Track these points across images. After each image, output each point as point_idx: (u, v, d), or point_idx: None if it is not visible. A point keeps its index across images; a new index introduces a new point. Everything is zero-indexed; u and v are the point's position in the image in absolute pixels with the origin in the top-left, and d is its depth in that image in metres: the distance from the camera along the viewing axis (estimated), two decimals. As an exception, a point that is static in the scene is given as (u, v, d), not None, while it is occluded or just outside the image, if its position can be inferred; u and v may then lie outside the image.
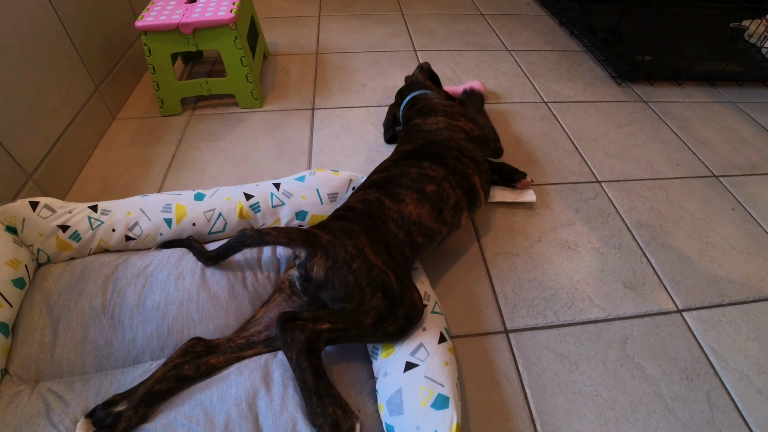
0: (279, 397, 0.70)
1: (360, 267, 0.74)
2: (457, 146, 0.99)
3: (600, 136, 1.42)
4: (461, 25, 2.04)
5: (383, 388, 0.72)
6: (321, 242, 0.76)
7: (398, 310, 0.73)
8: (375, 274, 0.74)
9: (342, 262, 0.74)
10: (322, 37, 1.89)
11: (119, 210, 0.92)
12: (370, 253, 0.76)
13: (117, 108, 1.44)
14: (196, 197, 0.95)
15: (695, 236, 1.12)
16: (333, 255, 0.74)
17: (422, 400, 0.67)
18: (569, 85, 1.66)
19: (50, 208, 0.88)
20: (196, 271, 0.83)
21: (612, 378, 0.84)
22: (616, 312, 0.95)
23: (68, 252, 0.88)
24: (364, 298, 0.72)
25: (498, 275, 1.00)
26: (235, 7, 1.31)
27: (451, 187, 0.91)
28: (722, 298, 0.99)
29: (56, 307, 0.78)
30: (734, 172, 1.33)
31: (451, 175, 0.93)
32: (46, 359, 0.74)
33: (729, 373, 0.86)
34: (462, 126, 1.07)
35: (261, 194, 0.96)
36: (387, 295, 0.73)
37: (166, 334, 0.76)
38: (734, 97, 1.67)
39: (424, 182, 0.89)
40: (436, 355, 0.72)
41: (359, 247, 0.76)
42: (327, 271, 0.74)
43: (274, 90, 1.55)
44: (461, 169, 0.95)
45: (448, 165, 0.94)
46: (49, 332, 0.75)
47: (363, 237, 0.78)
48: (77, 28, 1.24)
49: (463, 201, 0.93)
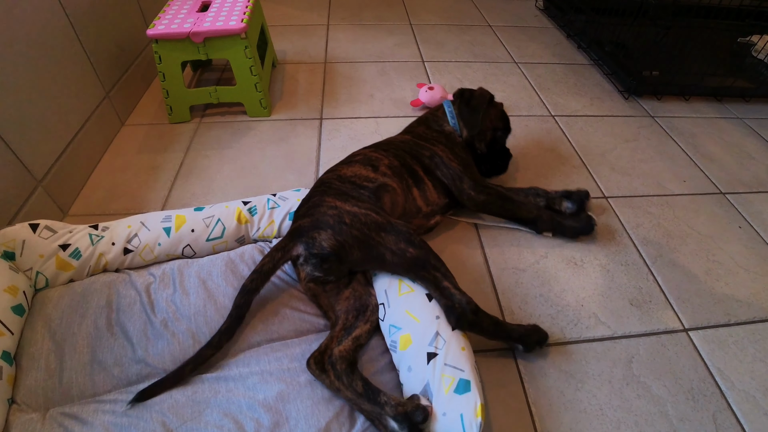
0: (309, 400, 0.71)
1: (351, 220, 0.82)
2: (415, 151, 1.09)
3: (607, 151, 1.42)
4: (469, 37, 2.05)
5: (410, 382, 0.75)
6: (306, 227, 0.83)
7: (397, 227, 0.84)
8: (363, 219, 0.83)
9: (337, 224, 0.82)
10: (331, 46, 1.90)
11: (120, 225, 0.94)
12: (344, 205, 0.85)
13: (126, 114, 1.45)
14: (196, 209, 0.98)
15: (702, 254, 1.12)
16: (326, 225, 0.82)
17: (445, 387, 0.70)
18: (576, 99, 1.66)
19: (51, 229, 0.88)
20: (199, 284, 0.84)
21: (618, 397, 0.84)
22: (622, 330, 0.94)
23: (67, 272, 0.87)
24: (380, 242, 0.82)
25: (504, 291, 1.00)
26: (246, 16, 1.32)
27: (387, 157, 1.02)
28: (729, 317, 0.99)
29: (59, 331, 0.77)
30: (741, 189, 1.33)
31: (393, 157, 1.03)
32: (54, 385, 0.73)
33: (735, 394, 0.86)
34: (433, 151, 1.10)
35: (258, 200, 1.02)
36: (385, 229, 0.83)
37: (177, 350, 0.76)
38: (741, 113, 1.67)
39: (367, 160, 1.00)
40: (452, 341, 0.75)
41: (331, 205, 0.85)
42: (334, 237, 0.81)
43: (283, 99, 1.56)
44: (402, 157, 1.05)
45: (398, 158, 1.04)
46: (54, 357, 0.75)
47: (326, 197, 0.87)
48: (89, 35, 1.25)
49: (403, 171, 1.02)
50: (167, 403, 0.70)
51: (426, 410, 0.68)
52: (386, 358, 0.82)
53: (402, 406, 0.69)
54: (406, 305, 0.81)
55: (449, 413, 0.68)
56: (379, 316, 0.84)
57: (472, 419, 0.66)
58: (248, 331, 0.80)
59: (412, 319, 0.79)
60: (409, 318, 0.79)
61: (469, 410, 0.67)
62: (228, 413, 0.69)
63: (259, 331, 0.80)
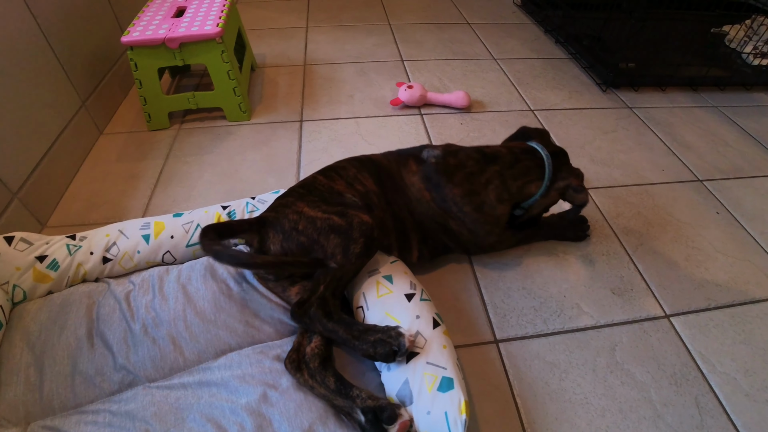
0: (292, 402, 0.71)
1: (306, 226, 0.82)
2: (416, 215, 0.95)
3: (586, 143, 1.44)
4: (447, 35, 2.06)
5: (390, 381, 0.75)
6: (268, 220, 0.84)
7: (353, 234, 0.80)
8: (320, 224, 0.81)
9: (290, 230, 0.82)
10: (310, 48, 1.90)
11: (98, 234, 0.92)
12: (309, 211, 0.84)
13: (104, 123, 1.43)
14: (175, 215, 0.97)
15: (681, 241, 1.13)
16: (280, 229, 0.82)
17: (428, 386, 0.70)
18: (555, 93, 1.68)
19: (27, 241, 0.87)
20: (178, 289, 0.83)
21: (602, 385, 0.84)
22: (604, 319, 0.95)
23: (46, 284, 0.86)
24: (324, 245, 0.80)
25: (487, 285, 1.01)
26: (221, 21, 1.32)
27: (382, 209, 0.93)
28: (709, 302, 1.00)
29: (38, 344, 0.76)
30: (718, 176, 1.35)
31: (389, 212, 0.93)
32: (34, 399, 0.71)
33: (717, 377, 0.87)
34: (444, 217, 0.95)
35: (237, 204, 1.01)
36: (337, 231, 0.81)
37: (159, 357, 0.76)
38: (717, 102, 1.69)
39: (355, 182, 0.94)
40: (433, 340, 0.76)
41: (298, 211, 0.84)
42: (281, 243, 0.82)
43: (262, 102, 1.56)
44: (400, 216, 0.94)
45: (387, 197, 0.94)
46: (34, 370, 0.74)
47: (299, 202, 0.86)
48: (62, 44, 1.24)
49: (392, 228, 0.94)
50: (150, 410, 0.70)
51: (395, 413, 0.68)
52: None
53: (372, 400, 0.70)
54: (385, 307, 0.81)
55: (434, 411, 0.68)
56: (359, 319, 0.84)
57: (457, 416, 0.67)
58: (229, 334, 0.80)
59: (392, 320, 0.79)
60: (389, 319, 0.79)
61: (453, 408, 0.67)
62: (211, 418, 0.68)
63: (240, 333, 0.80)
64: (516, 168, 0.96)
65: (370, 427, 0.68)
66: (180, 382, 0.73)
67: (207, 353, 0.77)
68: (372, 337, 0.74)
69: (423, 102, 1.54)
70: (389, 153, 1.01)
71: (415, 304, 0.81)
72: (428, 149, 0.97)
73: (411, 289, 0.84)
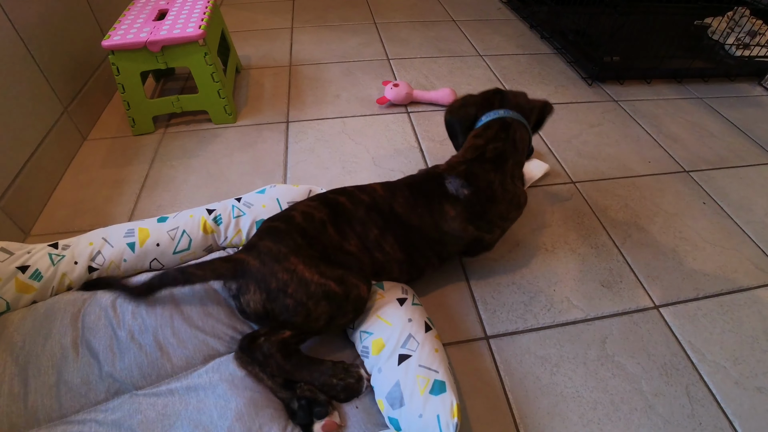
0: (280, 404, 0.71)
1: (296, 289, 0.73)
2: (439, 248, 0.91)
3: (573, 137, 1.44)
4: (433, 33, 2.06)
5: (379, 384, 0.74)
6: (250, 271, 0.74)
7: (345, 307, 0.76)
8: (313, 289, 0.73)
9: (276, 291, 0.73)
10: (295, 49, 1.89)
11: (81, 242, 0.90)
12: (304, 271, 0.74)
13: (87, 129, 1.41)
14: (159, 220, 0.95)
15: (669, 232, 1.14)
16: (265, 287, 0.73)
17: (420, 389, 0.70)
18: (541, 88, 1.68)
19: (6, 250, 0.85)
20: (166, 295, 0.82)
21: (593, 378, 0.84)
22: (594, 312, 0.96)
23: (29, 294, 0.84)
24: (310, 310, 0.74)
25: (477, 281, 1.00)
26: (203, 23, 1.31)
27: (398, 269, 0.88)
28: (697, 291, 1.01)
29: (22, 355, 0.75)
30: (704, 166, 1.36)
31: (406, 264, 0.88)
32: (18, 410, 0.70)
33: (707, 366, 0.88)
34: (482, 237, 0.92)
35: (222, 207, 0.98)
36: (331, 300, 0.75)
37: (146, 363, 0.74)
38: (701, 93, 1.71)
39: (375, 249, 0.84)
40: (425, 343, 0.76)
41: (290, 269, 0.73)
42: (264, 303, 0.73)
43: (248, 104, 1.54)
44: (420, 263, 0.90)
45: (412, 256, 0.88)
46: (18, 381, 0.72)
47: (293, 257, 0.75)
48: (42, 50, 1.22)
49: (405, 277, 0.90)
50: (137, 419, 0.69)
51: (327, 411, 0.70)
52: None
53: (311, 392, 0.71)
54: (377, 310, 0.81)
55: (426, 414, 0.67)
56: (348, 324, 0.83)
57: (449, 420, 0.67)
58: (217, 340, 0.79)
59: (384, 323, 0.78)
60: (380, 322, 0.79)
61: (445, 411, 0.67)
62: (199, 424, 0.67)
63: (228, 339, 0.79)
64: (515, 144, 0.95)
65: (301, 413, 0.69)
66: (167, 389, 0.72)
67: (195, 359, 0.76)
68: (334, 380, 0.74)
69: (409, 100, 1.54)
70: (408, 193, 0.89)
71: (407, 308, 0.80)
72: (449, 180, 0.89)
73: (403, 294, 0.84)
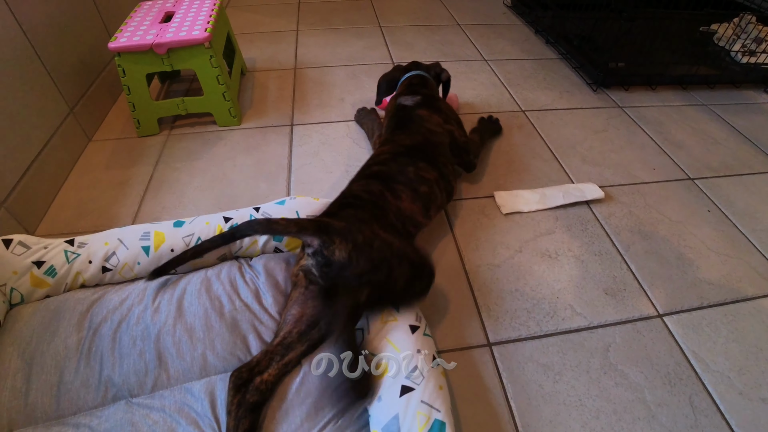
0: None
1: (381, 245, 0.78)
2: (446, 151, 1.10)
3: (577, 143, 1.44)
4: (438, 37, 2.06)
5: (377, 413, 0.70)
6: (335, 229, 0.78)
7: (423, 274, 0.81)
8: (396, 248, 0.79)
9: (362, 244, 0.76)
10: (300, 51, 1.89)
11: (96, 241, 0.90)
12: (386, 236, 0.80)
13: (93, 130, 1.42)
14: (176, 224, 0.94)
15: (673, 240, 1.13)
16: (351, 239, 0.76)
17: (419, 427, 0.65)
18: (546, 93, 1.68)
19: (24, 244, 0.85)
20: (172, 302, 0.81)
21: (596, 387, 0.84)
22: (597, 320, 0.95)
23: (43, 289, 0.85)
24: (393, 267, 0.77)
25: (480, 288, 1.00)
26: (209, 25, 1.31)
27: (440, 191, 1.03)
28: (701, 300, 1.00)
29: (28, 351, 0.75)
30: (709, 174, 1.35)
31: (441, 179, 1.03)
32: (19, 406, 0.70)
33: (711, 376, 0.87)
34: (452, 130, 1.15)
35: (240, 216, 0.95)
36: (411, 264, 0.80)
37: (143, 371, 0.74)
38: (706, 100, 1.70)
39: (419, 183, 0.98)
40: (431, 378, 0.71)
41: (374, 231, 0.79)
42: (350, 252, 0.75)
43: (253, 107, 1.55)
44: (447, 174, 1.06)
45: (439, 169, 1.04)
46: (22, 377, 0.72)
47: (375, 223, 0.82)
48: (49, 51, 1.22)
49: (445, 202, 1.07)
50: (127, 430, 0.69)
51: None
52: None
53: None
54: (387, 333, 0.78)
55: None
56: (357, 340, 0.80)
57: None
58: (216, 357, 0.78)
59: (393, 347, 0.75)
60: (389, 347, 0.76)
61: None
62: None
63: (228, 358, 0.78)
64: (426, 83, 1.28)
65: None
66: (161, 404, 0.71)
67: (192, 373, 0.75)
68: None
69: (414, 104, 1.54)
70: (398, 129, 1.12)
71: (419, 338, 0.77)
72: (404, 99, 1.20)
73: (416, 321, 0.80)
